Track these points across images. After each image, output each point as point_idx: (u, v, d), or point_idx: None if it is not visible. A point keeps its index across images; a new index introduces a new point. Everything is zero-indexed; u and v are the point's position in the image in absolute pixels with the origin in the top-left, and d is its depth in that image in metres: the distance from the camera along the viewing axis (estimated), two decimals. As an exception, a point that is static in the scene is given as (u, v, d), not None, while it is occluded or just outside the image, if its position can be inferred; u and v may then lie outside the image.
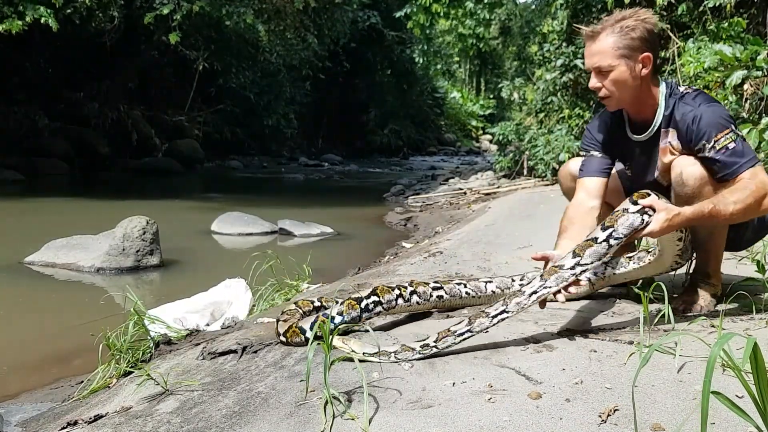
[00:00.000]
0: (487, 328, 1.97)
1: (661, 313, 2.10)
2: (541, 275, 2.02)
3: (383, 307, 2.29)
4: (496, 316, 1.96)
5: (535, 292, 1.99)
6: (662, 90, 2.29)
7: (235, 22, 12.41)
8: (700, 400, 1.46)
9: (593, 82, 2.26)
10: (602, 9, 8.61)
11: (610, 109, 2.37)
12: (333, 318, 2.16)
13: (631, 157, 2.44)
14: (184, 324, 3.03)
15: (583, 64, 2.73)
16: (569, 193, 2.66)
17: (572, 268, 1.99)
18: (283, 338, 2.27)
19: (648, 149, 2.35)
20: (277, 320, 2.39)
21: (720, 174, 2.14)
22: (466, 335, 1.95)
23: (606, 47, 2.21)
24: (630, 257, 2.33)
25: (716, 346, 1.12)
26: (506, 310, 1.97)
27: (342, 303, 2.25)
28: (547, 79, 9.24)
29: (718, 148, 2.13)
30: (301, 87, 21.28)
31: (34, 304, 4.61)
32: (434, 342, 1.94)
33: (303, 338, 2.19)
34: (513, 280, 2.66)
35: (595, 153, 2.46)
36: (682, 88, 2.30)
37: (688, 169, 2.17)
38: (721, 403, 1.15)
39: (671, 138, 2.27)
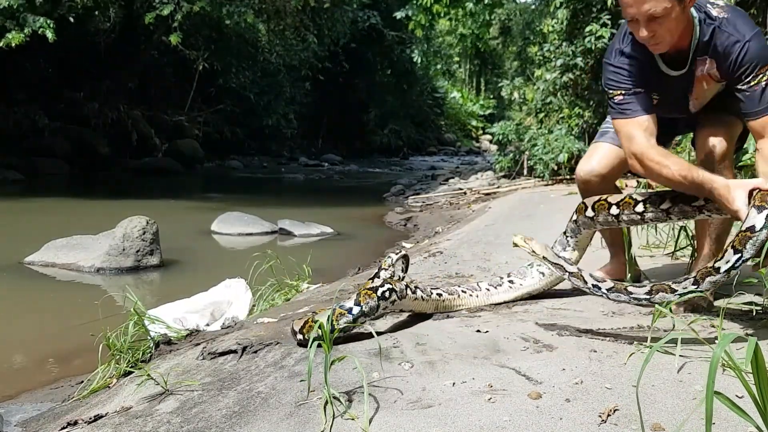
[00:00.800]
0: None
1: (661, 313, 2.10)
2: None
3: (397, 296, 2.25)
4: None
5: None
6: (694, 15, 2.09)
7: (236, 22, 12.41)
8: (701, 400, 1.47)
9: (644, 32, 2.02)
10: (602, 9, 8.62)
11: (659, 50, 2.12)
12: (351, 309, 2.15)
13: (664, 93, 2.23)
14: (184, 324, 3.03)
15: (583, 62, 2.73)
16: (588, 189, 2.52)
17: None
18: (300, 335, 2.19)
19: (683, 83, 2.18)
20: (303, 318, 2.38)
21: (755, 112, 2.04)
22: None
23: None
24: None
25: (718, 347, 1.12)
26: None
27: (358, 294, 2.20)
28: (547, 79, 9.23)
29: (755, 84, 2.02)
30: (301, 87, 21.29)
31: (34, 304, 4.61)
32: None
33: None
34: (501, 278, 2.65)
35: (634, 89, 2.19)
36: (714, 11, 2.10)
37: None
38: (722, 403, 1.15)
39: (709, 67, 2.10)
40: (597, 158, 2.46)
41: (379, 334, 2.22)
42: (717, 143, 2.19)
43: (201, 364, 2.36)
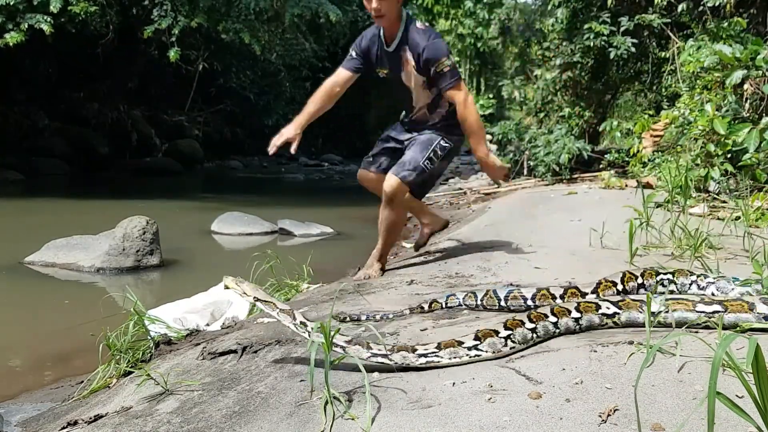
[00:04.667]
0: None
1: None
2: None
3: None
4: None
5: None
6: (404, 18, 3.44)
7: (231, 38, 12.56)
8: (701, 399, 1.46)
9: (374, 3, 3.31)
10: (602, 7, 8.62)
11: (381, 23, 3.45)
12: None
13: (386, 63, 3.58)
14: (184, 324, 3.03)
15: (583, 61, 2.95)
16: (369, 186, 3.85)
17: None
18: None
19: (395, 59, 3.52)
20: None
21: (444, 86, 3.42)
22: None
23: None
24: None
25: (720, 348, 1.12)
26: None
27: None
28: (547, 79, 9.23)
29: (440, 70, 3.39)
30: (301, 87, 21.28)
31: (35, 304, 4.61)
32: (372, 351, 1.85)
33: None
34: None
35: (354, 55, 3.66)
36: (417, 23, 3.48)
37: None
38: (722, 403, 1.14)
39: (409, 57, 3.46)
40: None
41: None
42: (388, 180, 3.58)
43: (201, 364, 2.36)
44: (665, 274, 2.45)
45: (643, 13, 8.17)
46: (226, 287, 2.11)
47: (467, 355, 1.87)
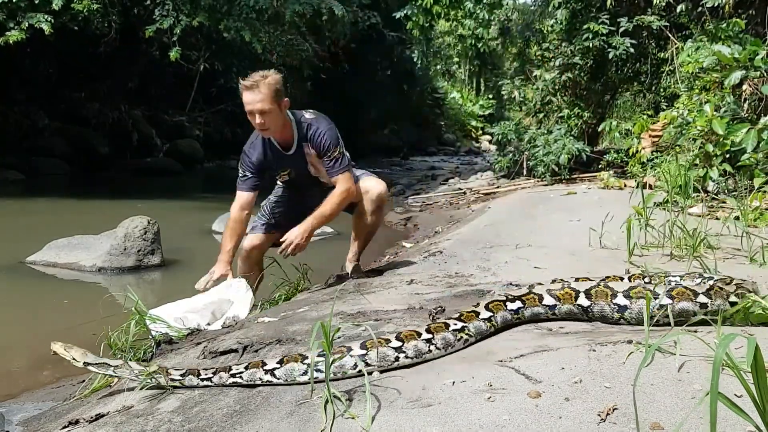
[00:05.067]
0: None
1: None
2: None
3: None
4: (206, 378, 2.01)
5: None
6: (291, 118, 3.45)
7: (233, 36, 12.52)
8: (699, 399, 1.47)
9: (258, 119, 3.28)
10: (601, 8, 8.63)
11: (268, 135, 3.43)
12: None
13: (289, 166, 3.57)
14: (185, 323, 3.03)
15: (582, 62, 2.88)
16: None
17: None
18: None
19: (297, 159, 3.51)
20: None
21: (332, 171, 3.47)
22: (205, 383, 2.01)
23: (265, 95, 3.27)
24: None
25: (720, 348, 1.12)
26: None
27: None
28: (546, 79, 9.23)
29: (332, 156, 3.45)
30: (302, 87, 21.27)
31: (36, 304, 4.62)
32: (180, 375, 2.01)
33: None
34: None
35: (249, 174, 3.54)
36: (306, 115, 3.50)
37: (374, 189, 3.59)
38: (721, 402, 1.15)
39: (309, 150, 3.48)
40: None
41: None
42: (376, 185, 3.64)
43: (202, 363, 2.37)
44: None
45: (642, 14, 8.18)
46: (54, 353, 2.18)
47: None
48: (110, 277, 5.21)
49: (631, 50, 8.35)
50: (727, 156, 5.07)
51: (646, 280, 2.52)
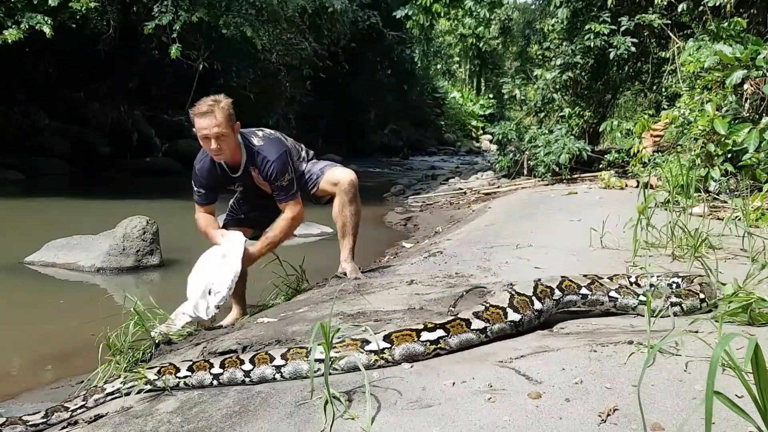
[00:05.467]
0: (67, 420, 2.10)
1: (661, 312, 2.11)
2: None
3: None
4: (75, 410, 2.11)
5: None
6: (241, 141, 3.47)
7: (233, 32, 12.48)
8: (701, 400, 1.46)
9: (214, 144, 3.29)
10: (601, 7, 8.62)
11: (222, 159, 3.45)
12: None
13: (237, 182, 3.62)
14: (183, 319, 3.03)
15: (583, 61, 2.85)
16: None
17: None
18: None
19: (245, 179, 3.57)
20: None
21: (279, 199, 3.54)
22: (39, 426, 2.10)
23: (221, 120, 3.28)
24: None
25: (718, 347, 1.11)
26: (86, 405, 2.14)
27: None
28: (547, 78, 9.23)
29: (280, 185, 3.49)
30: (301, 87, 21.27)
31: (35, 304, 4.61)
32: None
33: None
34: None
35: (203, 191, 3.60)
36: (254, 140, 3.51)
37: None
38: (722, 402, 1.14)
39: (257, 174, 3.52)
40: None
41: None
42: (345, 173, 3.77)
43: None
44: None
45: (644, 13, 8.18)
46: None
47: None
48: (109, 278, 5.21)
49: (633, 49, 8.35)
50: (729, 156, 5.06)
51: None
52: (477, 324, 2.02)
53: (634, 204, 3.77)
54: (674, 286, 2.47)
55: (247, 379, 1.97)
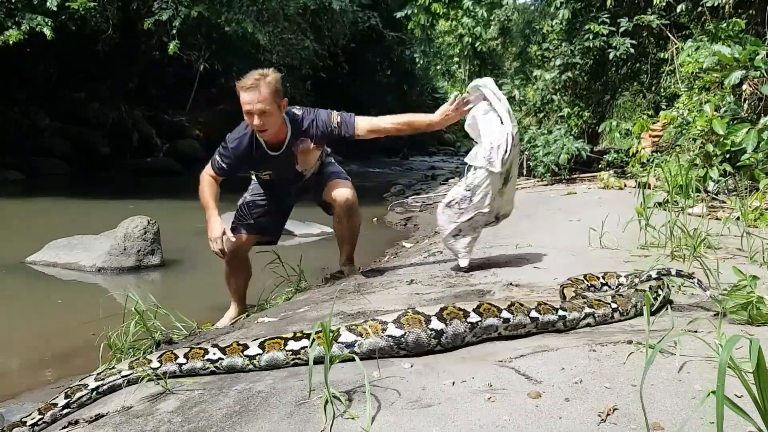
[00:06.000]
0: None
1: (661, 313, 2.11)
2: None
3: None
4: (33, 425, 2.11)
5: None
6: (286, 119, 3.36)
7: (234, 29, 12.45)
8: (700, 399, 1.47)
9: (257, 120, 3.17)
10: (601, 7, 8.63)
11: (266, 137, 3.32)
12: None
13: (273, 166, 3.48)
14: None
15: (582, 61, 2.86)
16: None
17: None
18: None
19: (287, 158, 3.43)
20: (562, 286, 2.49)
21: (347, 128, 3.37)
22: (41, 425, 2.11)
23: (266, 95, 3.15)
24: None
25: (724, 351, 1.12)
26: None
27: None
28: (546, 79, 9.23)
29: (338, 121, 3.36)
30: (302, 87, 21.28)
31: (36, 304, 4.62)
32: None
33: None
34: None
35: (227, 165, 3.42)
36: (296, 111, 3.42)
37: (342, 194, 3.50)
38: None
39: (306, 144, 3.41)
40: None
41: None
42: (341, 193, 3.55)
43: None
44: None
45: (642, 14, 8.18)
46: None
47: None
48: (110, 277, 5.21)
49: (631, 50, 8.36)
50: (727, 156, 5.07)
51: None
52: (347, 337, 1.97)
53: (633, 204, 3.78)
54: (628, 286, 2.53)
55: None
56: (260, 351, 2.05)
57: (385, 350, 1.96)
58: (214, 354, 2.10)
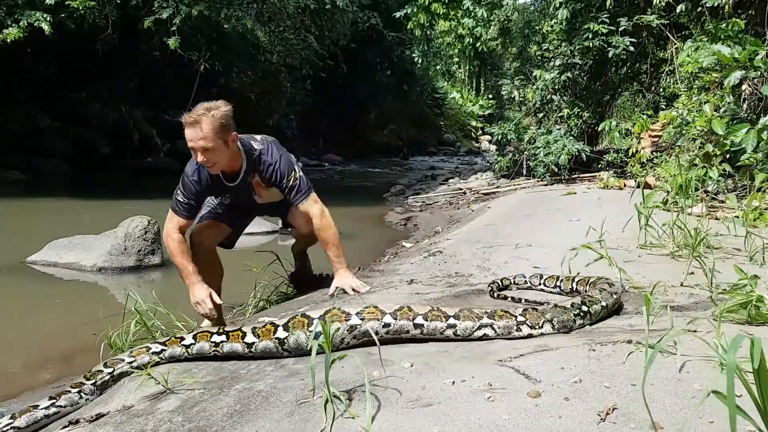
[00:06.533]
0: None
1: (660, 312, 2.12)
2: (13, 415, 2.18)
3: None
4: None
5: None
6: (240, 148, 3.21)
7: (233, 26, 12.43)
8: (700, 399, 1.47)
9: (201, 157, 3.02)
10: (600, 7, 8.63)
11: (214, 171, 3.16)
12: None
13: (232, 194, 3.38)
14: None
15: (582, 62, 2.85)
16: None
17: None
18: None
19: (243, 188, 3.31)
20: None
21: (295, 200, 3.26)
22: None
23: (208, 132, 2.99)
24: None
25: (730, 352, 1.12)
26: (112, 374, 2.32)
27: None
28: (546, 79, 9.24)
29: (289, 185, 3.23)
30: (302, 87, 21.28)
31: (36, 304, 4.62)
32: None
33: None
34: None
35: (191, 201, 3.26)
36: (255, 144, 3.28)
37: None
38: (720, 401, 1.15)
39: (258, 179, 3.28)
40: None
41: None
42: (303, 222, 3.41)
43: (202, 363, 2.37)
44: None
45: (642, 14, 8.19)
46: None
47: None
48: (111, 277, 5.21)
49: (631, 49, 8.36)
50: (727, 156, 5.07)
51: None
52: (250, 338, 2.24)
53: (633, 204, 3.79)
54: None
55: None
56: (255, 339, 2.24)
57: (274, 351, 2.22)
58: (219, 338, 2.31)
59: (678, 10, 7.83)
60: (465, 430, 1.46)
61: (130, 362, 2.32)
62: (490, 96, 29.92)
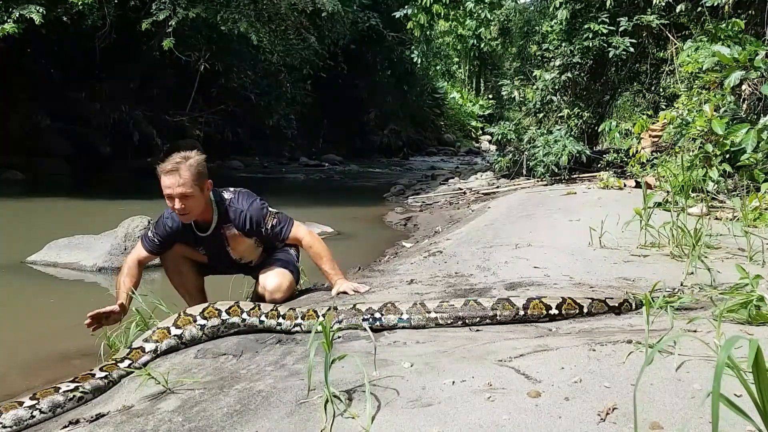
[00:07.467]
0: None
1: (661, 312, 2.12)
2: None
3: None
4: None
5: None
6: (211, 198, 3.20)
7: (230, 28, 12.47)
8: (700, 399, 1.47)
9: (178, 204, 3.01)
10: (600, 8, 8.63)
11: (187, 220, 3.15)
12: None
13: (205, 247, 3.34)
14: None
15: (582, 61, 2.83)
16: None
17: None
18: None
19: (216, 240, 3.29)
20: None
21: (282, 237, 3.29)
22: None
23: (186, 179, 3.00)
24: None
25: (723, 350, 1.12)
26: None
27: None
28: (546, 79, 9.24)
29: (268, 229, 3.24)
30: (302, 87, 21.28)
31: (36, 304, 4.62)
32: None
33: None
34: None
35: (157, 241, 3.27)
36: (225, 194, 3.27)
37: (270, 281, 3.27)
38: (721, 402, 1.15)
39: (233, 230, 3.26)
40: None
41: (377, 331, 2.23)
42: (268, 281, 3.29)
43: (202, 363, 2.37)
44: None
45: (642, 14, 8.19)
46: None
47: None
48: (111, 277, 5.21)
49: (631, 50, 8.36)
50: (727, 156, 5.08)
51: None
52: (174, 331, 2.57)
53: (633, 204, 3.79)
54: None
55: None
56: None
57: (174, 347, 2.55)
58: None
59: (678, 10, 7.84)
60: (465, 430, 1.46)
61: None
62: (490, 96, 29.92)
